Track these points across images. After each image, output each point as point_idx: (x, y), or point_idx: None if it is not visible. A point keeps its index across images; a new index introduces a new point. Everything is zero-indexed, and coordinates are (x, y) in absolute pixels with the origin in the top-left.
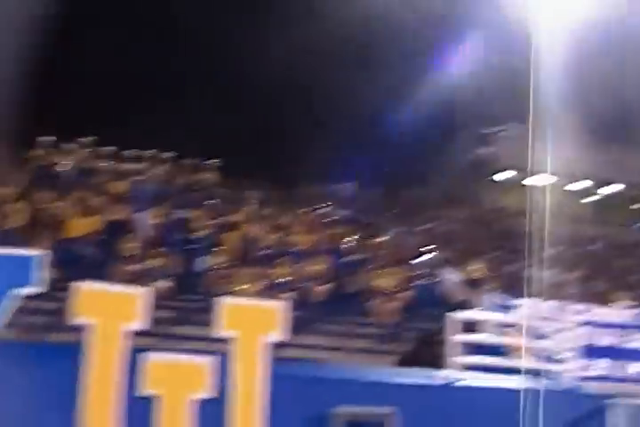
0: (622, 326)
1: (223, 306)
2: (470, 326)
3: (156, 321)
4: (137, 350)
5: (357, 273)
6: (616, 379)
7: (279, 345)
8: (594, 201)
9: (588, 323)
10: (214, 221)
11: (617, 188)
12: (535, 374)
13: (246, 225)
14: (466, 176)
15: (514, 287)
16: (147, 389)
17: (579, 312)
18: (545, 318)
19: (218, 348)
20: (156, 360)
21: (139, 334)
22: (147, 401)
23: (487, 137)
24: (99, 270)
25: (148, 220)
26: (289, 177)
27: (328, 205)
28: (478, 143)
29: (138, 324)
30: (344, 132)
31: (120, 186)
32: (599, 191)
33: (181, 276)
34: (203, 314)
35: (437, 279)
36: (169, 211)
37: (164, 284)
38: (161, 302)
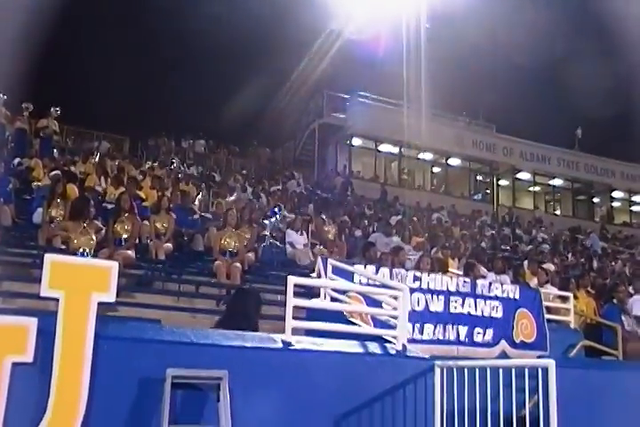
0: (450, 293)
1: (52, 263)
2: (310, 291)
3: None
4: None
5: (203, 232)
6: (442, 342)
7: (112, 305)
8: (439, 171)
9: (420, 289)
10: (54, 172)
11: (459, 161)
12: (371, 338)
13: (89, 177)
14: (317, 140)
15: (357, 253)
16: None
17: (413, 279)
18: (381, 285)
19: (46, 307)
20: None
21: None
22: None
23: (338, 103)
24: None
25: None
26: (137, 130)
27: (178, 161)
28: (330, 108)
29: None
30: (201, 90)
31: None
32: (444, 162)
33: (13, 228)
34: (33, 270)
35: (283, 242)
36: (4, 157)
37: None
38: None
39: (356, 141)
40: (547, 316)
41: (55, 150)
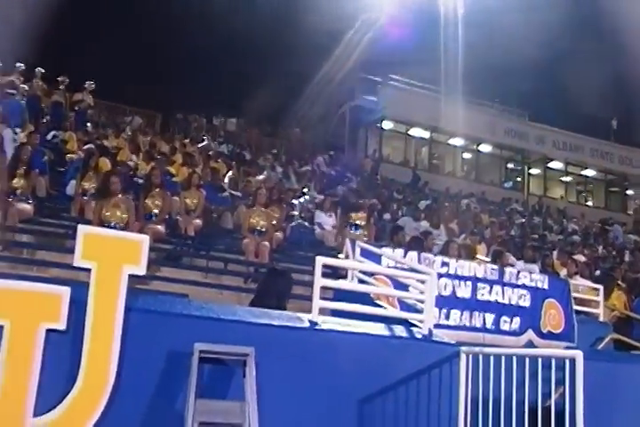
0: (477, 280)
1: (83, 234)
2: (340, 272)
3: (15, 245)
4: None
5: (233, 209)
6: (468, 328)
7: (142, 278)
8: (470, 158)
9: (448, 275)
10: (88, 145)
11: (490, 148)
12: (397, 321)
13: (121, 151)
14: (348, 123)
15: (386, 236)
16: None
17: (441, 264)
18: (409, 268)
19: (78, 276)
20: (4, 287)
21: None
22: None
23: (371, 86)
24: None
25: (16, 137)
26: (170, 106)
27: (209, 139)
28: (362, 91)
29: None
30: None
31: None
32: (475, 149)
33: (47, 199)
34: (66, 240)
35: (313, 222)
36: (40, 129)
37: (26, 206)
38: (22, 225)
39: (387, 125)
40: (575, 307)
41: (89, 124)
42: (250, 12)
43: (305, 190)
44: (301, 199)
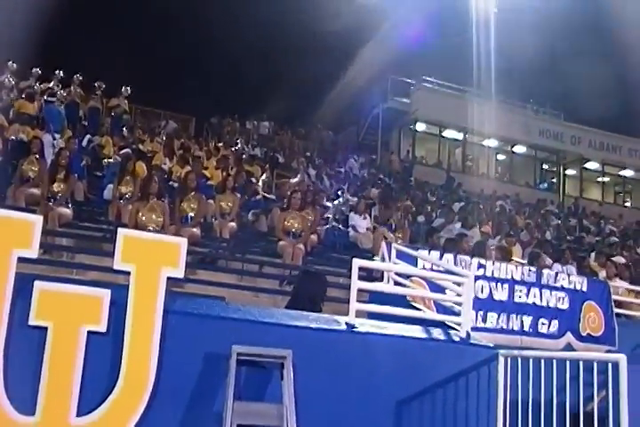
0: (515, 282)
1: (124, 237)
2: (374, 274)
3: (55, 248)
4: (31, 278)
5: (267, 212)
6: (506, 331)
7: (179, 281)
8: (504, 159)
9: (484, 277)
10: (124, 150)
11: (524, 149)
12: (434, 324)
13: (156, 155)
14: (381, 125)
15: (420, 238)
16: (37, 319)
17: (477, 266)
18: (445, 271)
19: (116, 279)
20: (47, 289)
21: (33, 261)
22: (37, 331)
23: (403, 87)
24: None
25: (55, 142)
26: (203, 110)
27: (242, 142)
28: (395, 93)
29: (29, 252)
30: (267, 72)
31: (26, 105)
32: (510, 150)
33: (85, 203)
34: (103, 244)
35: (347, 225)
36: (78, 135)
37: (66, 210)
38: (62, 228)
39: (420, 126)
40: (615, 310)
41: (125, 129)
42: (280, 14)
43: (339, 193)
44: (335, 202)
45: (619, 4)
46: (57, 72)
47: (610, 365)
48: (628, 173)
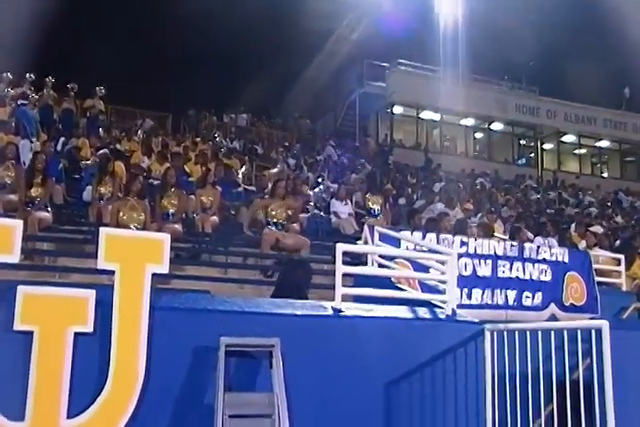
0: (497, 257)
1: (106, 237)
2: (359, 258)
3: (37, 253)
4: (14, 284)
5: (248, 204)
6: (491, 306)
7: (164, 277)
8: (482, 137)
9: (467, 254)
10: (102, 151)
11: (501, 126)
12: (420, 303)
13: (134, 154)
14: (358, 110)
15: (403, 220)
16: (22, 323)
17: (460, 244)
18: (428, 250)
19: (100, 280)
20: (32, 293)
21: (15, 267)
22: (23, 336)
23: (379, 72)
24: None
25: (33, 146)
26: (179, 106)
27: (220, 136)
28: (370, 78)
29: (10, 257)
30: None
31: (3, 112)
32: (487, 127)
33: (65, 206)
34: (85, 246)
35: (329, 212)
36: (53, 138)
37: (45, 214)
38: (42, 233)
39: (397, 110)
40: (597, 279)
41: (101, 129)
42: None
43: (319, 180)
44: (316, 189)
45: None
46: (28, 75)
47: (593, 332)
48: (604, 143)
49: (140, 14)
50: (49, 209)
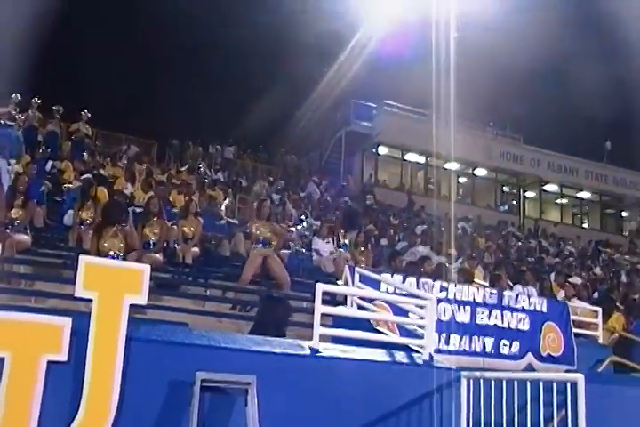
0: (476, 304)
1: (85, 264)
2: (338, 298)
3: (13, 276)
4: None
5: (230, 237)
6: (468, 353)
7: (141, 307)
8: (466, 182)
9: (447, 299)
10: (85, 175)
11: (485, 172)
12: (397, 347)
13: (117, 180)
14: (344, 148)
15: (384, 261)
16: None
17: (440, 289)
18: (408, 294)
19: (77, 306)
20: (4, 319)
21: None
22: None
23: (366, 111)
24: None
25: (10, 168)
26: (165, 134)
27: (205, 166)
28: (357, 117)
29: None
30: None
31: None
32: (471, 173)
33: (45, 229)
34: (64, 271)
35: (310, 249)
36: (36, 160)
37: (24, 237)
38: (20, 255)
39: (383, 150)
40: (575, 330)
41: (85, 153)
42: (244, 39)
43: (302, 217)
44: (299, 226)
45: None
46: (14, 96)
47: (569, 384)
48: (585, 194)
49: (132, 40)
50: (28, 232)
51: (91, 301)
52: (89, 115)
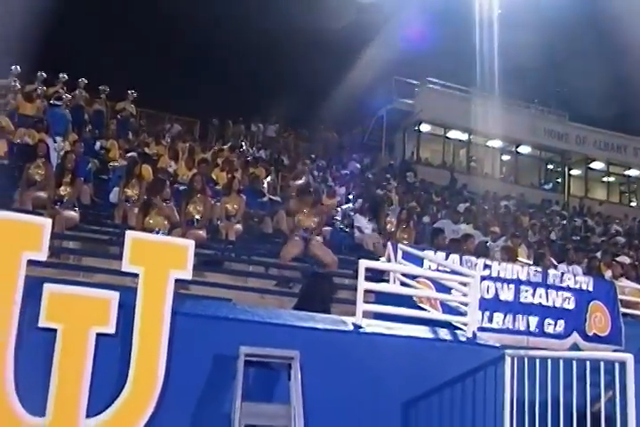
0: (520, 282)
1: (131, 239)
2: (380, 275)
3: (62, 251)
4: (40, 281)
5: (272, 214)
6: (512, 331)
7: (186, 283)
8: (509, 160)
9: (490, 277)
10: (130, 153)
11: (529, 149)
12: (440, 324)
13: (161, 158)
14: (385, 126)
15: (426, 239)
16: (47, 321)
17: (483, 266)
18: (451, 271)
19: (123, 282)
20: (57, 291)
21: (41, 264)
22: (47, 333)
23: (408, 89)
24: (5, 196)
25: (57, 146)
26: (208, 113)
27: (247, 144)
28: (399, 94)
29: (38, 254)
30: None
31: (24, 106)
32: (514, 150)
33: (92, 206)
34: (110, 247)
35: (352, 226)
36: (83, 138)
37: (72, 213)
38: (69, 232)
39: (425, 128)
40: (622, 310)
41: (130, 132)
42: (285, 16)
43: (344, 194)
44: (344, 206)
45: (621, 4)
46: (61, 75)
47: (617, 364)
48: (633, 172)
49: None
50: (76, 208)
51: (137, 275)
52: (135, 94)
